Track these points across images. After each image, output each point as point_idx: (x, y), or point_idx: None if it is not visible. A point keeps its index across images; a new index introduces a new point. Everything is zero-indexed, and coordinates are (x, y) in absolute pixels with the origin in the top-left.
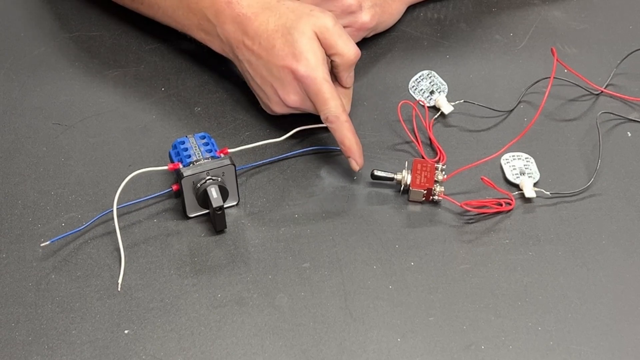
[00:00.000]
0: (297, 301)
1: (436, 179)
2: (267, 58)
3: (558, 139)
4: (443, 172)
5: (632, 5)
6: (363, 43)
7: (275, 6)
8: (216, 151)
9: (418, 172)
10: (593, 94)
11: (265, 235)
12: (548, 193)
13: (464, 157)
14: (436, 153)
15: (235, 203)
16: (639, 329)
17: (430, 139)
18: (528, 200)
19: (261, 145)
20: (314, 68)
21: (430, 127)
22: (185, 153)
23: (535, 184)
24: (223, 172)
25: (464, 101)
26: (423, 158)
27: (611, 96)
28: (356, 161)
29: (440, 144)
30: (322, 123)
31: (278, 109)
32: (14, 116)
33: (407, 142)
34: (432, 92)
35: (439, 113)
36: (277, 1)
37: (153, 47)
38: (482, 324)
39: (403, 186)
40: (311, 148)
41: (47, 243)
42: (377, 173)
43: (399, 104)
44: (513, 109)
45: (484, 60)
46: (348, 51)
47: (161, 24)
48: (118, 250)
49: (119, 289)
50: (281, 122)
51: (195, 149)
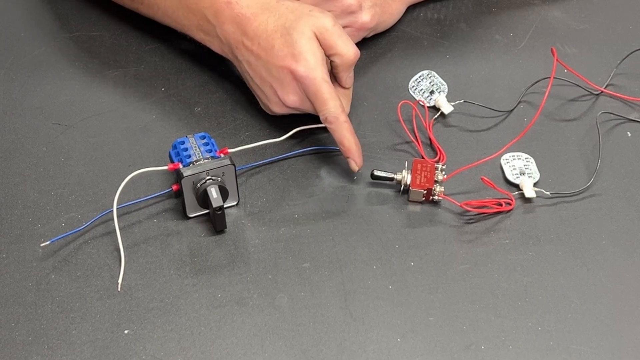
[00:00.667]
0: (297, 301)
1: (436, 179)
2: (267, 58)
3: (558, 139)
4: (443, 172)
5: (632, 5)
6: (363, 43)
7: (274, 6)
8: (216, 151)
9: (418, 172)
10: (593, 94)
11: (265, 235)
12: (548, 193)
13: (464, 157)
14: (436, 153)
15: (235, 203)
16: (639, 329)
17: (430, 139)
18: (528, 200)
19: (261, 145)
20: (313, 68)
21: (430, 127)
22: (185, 153)
23: (535, 184)
24: (223, 172)
25: (464, 101)
26: (423, 158)
27: (611, 96)
28: (355, 161)
29: (440, 144)
30: (322, 123)
31: (277, 109)
32: (14, 116)
33: (407, 142)
34: (432, 92)
35: (439, 113)
36: (277, 1)
37: (153, 47)
38: (482, 324)
39: (403, 186)
40: (311, 148)
41: (47, 243)
42: (377, 173)
43: (399, 104)
44: (513, 109)
45: (484, 60)
46: (347, 51)
47: (161, 24)
48: (118, 250)
49: (119, 289)
50: (281, 122)
51: (195, 149)
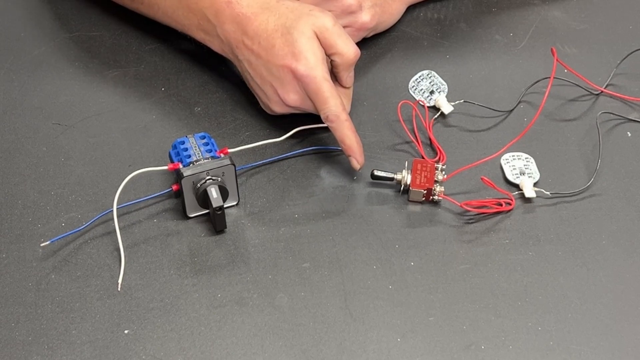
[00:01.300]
0: (297, 301)
1: (436, 179)
2: (267, 58)
3: (558, 139)
4: (443, 172)
5: (632, 5)
6: (363, 43)
7: (274, 6)
8: (216, 151)
9: (418, 172)
10: (593, 94)
11: (265, 235)
12: (548, 193)
13: (464, 157)
14: (436, 153)
15: (235, 203)
16: (639, 329)
17: (430, 139)
18: (528, 200)
19: (261, 145)
20: (314, 67)
21: (430, 127)
22: (185, 153)
23: (535, 184)
24: (223, 172)
25: (464, 101)
26: (423, 158)
27: (611, 96)
28: (357, 160)
29: (440, 144)
30: (322, 123)
31: (278, 109)
32: (14, 116)
33: (407, 142)
34: (432, 92)
35: (439, 113)
36: (277, 1)
37: (153, 47)
38: (482, 324)
39: (403, 186)
40: (311, 148)
41: (47, 243)
42: (377, 173)
43: (399, 104)
44: (513, 109)
45: (484, 60)
46: (348, 51)
47: (161, 24)
48: (118, 250)
49: (119, 289)
50: (281, 122)
51: (195, 149)
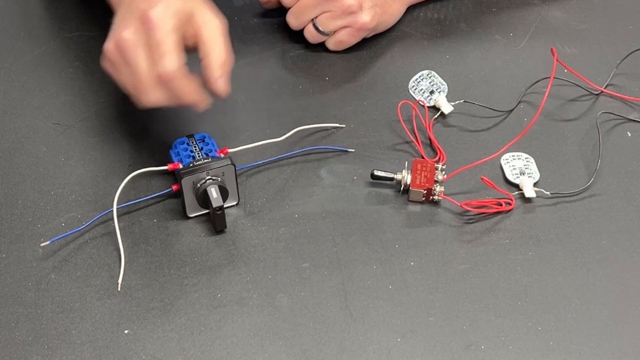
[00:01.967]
0: (297, 301)
1: (436, 179)
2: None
3: (558, 139)
4: (443, 172)
5: (632, 5)
6: (363, 43)
7: None
8: (216, 151)
9: (418, 172)
10: (593, 94)
11: (265, 235)
12: (548, 193)
13: (464, 157)
14: (436, 153)
15: (235, 203)
16: (639, 329)
17: (430, 139)
18: (528, 200)
19: (261, 145)
20: (165, 18)
21: (430, 127)
22: (185, 153)
23: (535, 184)
24: (223, 172)
25: (464, 101)
26: (423, 158)
27: (611, 96)
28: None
29: (440, 144)
30: (323, 123)
31: (110, 45)
32: (14, 116)
33: (407, 142)
34: (432, 92)
35: (439, 113)
36: None
37: None
38: (482, 324)
39: (403, 186)
40: (311, 148)
41: (47, 243)
42: (377, 173)
43: (399, 104)
44: (513, 109)
45: (484, 60)
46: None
47: None
48: (118, 250)
49: (119, 289)
50: (281, 122)
51: (195, 149)
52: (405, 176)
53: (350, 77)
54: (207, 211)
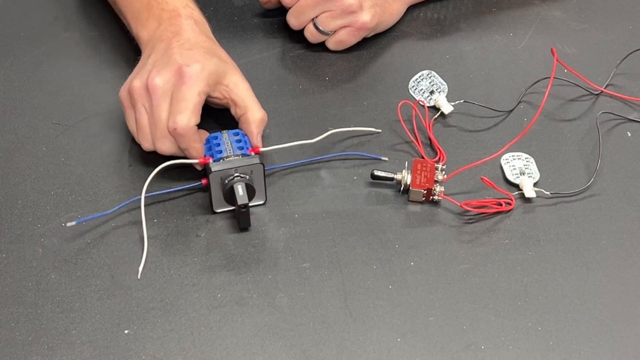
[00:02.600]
0: (297, 301)
1: (436, 179)
2: (173, 49)
3: (558, 139)
4: (443, 172)
5: (632, 5)
6: (363, 43)
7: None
8: (248, 149)
9: (418, 172)
10: (593, 94)
11: (265, 235)
12: (548, 193)
13: (464, 157)
14: (436, 153)
15: (262, 202)
16: (639, 329)
17: (430, 139)
18: (528, 200)
19: (293, 146)
20: (199, 79)
21: (430, 127)
22: (217, 148)
23: (535, 184)
24: (251, 171)
25: (464, 101)
26: (423, 158)
27: (611, 96)
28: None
29: (440, 144)
30: (358, 127)
31: (137, 83)
32: (14, 116)
33: (407, 142)
34: (432, 92)
35: (439, 113)
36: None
37: None
38: (482, 324)
39: (403, 186)
40: (346, 153)
41: (73, 224)
42: (377, 173)
43: (399, 104)
44: (513, 109)
45: (484, 60)
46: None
47: None
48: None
49: (139, 277)
50: (281, 122)
51: (227, 145)
52: (405, 176)
53: (350, 77)
54: (233, 208)
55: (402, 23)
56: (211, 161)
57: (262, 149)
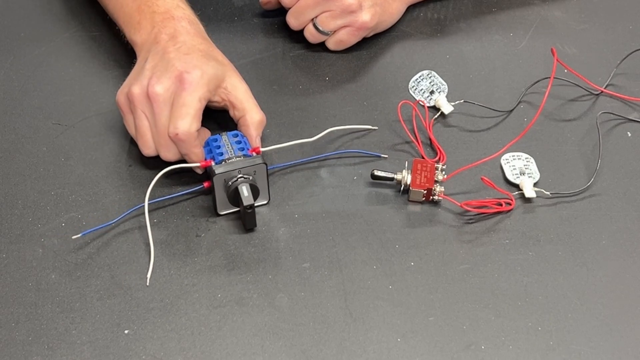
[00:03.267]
0: (297, 301)
1: (436, 179)
2: (172, 55)
3: (558, 139)
4: (443, 172)
5: (632, 5)
6: (363, 43)
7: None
8: (248, 149)
9: (418, 172)
10: (593, 94)
11: (265, 235)
12: (548, 193)
13: (464, 157)
14: (436, 153)
15: (265, 202)
16: (639, 329)
17: (430, 139)
18: (528, 200)
19: (293, 145)
20: (199, 85)
21: (430, 127)
22: (217, 151)
23: (535, 184)
24: (255, 171)
25: (464, 101)
26: (423, 158)
27: (611, 96)
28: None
29: (440, 144)
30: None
31: (137, 89)
32: (14, 116)
33: (407, 142)
34: (432, 92)
35: (439, 113)
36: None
37: None
38: (482, 324)
39: (403, 186)
40: (345, 151)
41: (79, 236)
42: (377, 173)
43: (399, 104)
44: (513, 109)
45: (484, 60)
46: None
47: None
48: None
49: (147, 284)
50: (281, 122)
51: (227, 147)
52: (405, 176)
53: (350, 77)
54: (238, 209)
55: (402, 23)
56: (213, 164)
57: (262, 149)
